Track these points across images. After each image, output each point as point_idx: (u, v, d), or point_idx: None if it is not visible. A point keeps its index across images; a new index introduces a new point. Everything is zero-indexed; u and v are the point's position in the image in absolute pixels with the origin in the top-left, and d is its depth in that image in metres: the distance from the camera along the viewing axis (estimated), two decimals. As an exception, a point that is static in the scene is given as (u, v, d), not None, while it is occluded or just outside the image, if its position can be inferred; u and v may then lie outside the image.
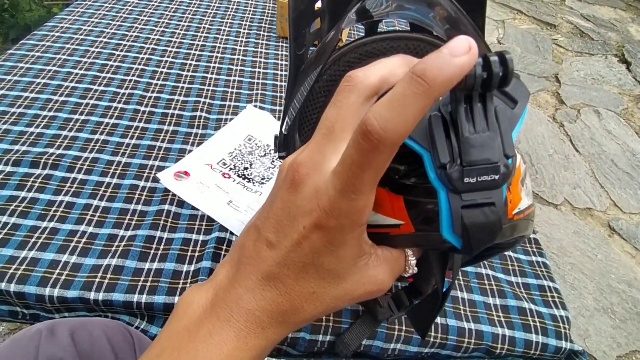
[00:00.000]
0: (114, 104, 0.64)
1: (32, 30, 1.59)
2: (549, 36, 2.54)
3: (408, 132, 0.16)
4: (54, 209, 0.48)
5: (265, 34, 0.88)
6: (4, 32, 1.60)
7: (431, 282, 0.29)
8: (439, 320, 0.46)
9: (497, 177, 0.18)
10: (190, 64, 0.75)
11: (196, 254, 0.47)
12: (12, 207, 0.48)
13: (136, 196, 0.52)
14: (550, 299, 0.51)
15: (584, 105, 2.01)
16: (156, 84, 0.69)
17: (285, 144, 0.38)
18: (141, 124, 0.61)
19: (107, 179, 0.53)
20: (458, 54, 0.15)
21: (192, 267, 0.46)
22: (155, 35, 0.81)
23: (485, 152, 0.17)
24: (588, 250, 1.37)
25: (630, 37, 2.68)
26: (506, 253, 0.56)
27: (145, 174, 0.54)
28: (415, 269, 0.23)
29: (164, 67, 0.73)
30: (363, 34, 0.36)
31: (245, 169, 0.57)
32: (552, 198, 1.53)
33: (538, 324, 0.48)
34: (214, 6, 0.94)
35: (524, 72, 2.17)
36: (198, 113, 0.65)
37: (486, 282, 0.51)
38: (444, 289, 0.24)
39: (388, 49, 0.34)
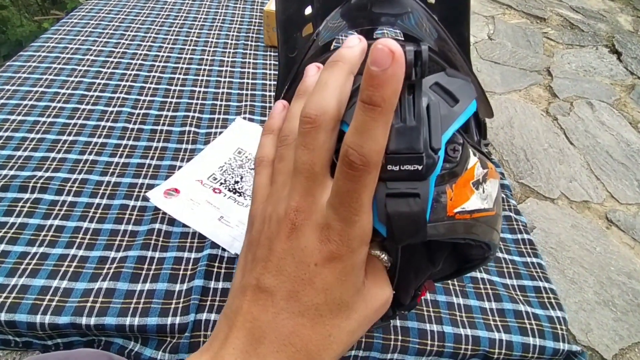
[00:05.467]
0: (102, 123, 0.63)
1: (23, 45, 1.59)
2: (539, 30, 2.54)
3: (382, 147, 0.17)
4: (43, 233, 0.48)
5: (253, 43, 0.88)
6: (-4, 49, 1.60)
7: (410, 293, 0.29)
8: (435, 327, 0.46)
9: (420, 167, 0.18)
10: (179, 78, 0.75)
11: (188, 272, 0.47)
12: (0, 234, 0.47)
13: (126, 216, 0.51)
14: (546, 300, 0.51)
15: (576, 98, 2.02)
16: (144, 100, 0.69)
17: None
18: (130, 142, 0.61)
19: (97, 200, 0.53)
20: (385, 65, 0.16)
21: (185, 286, 0.45)
22: (143, 50, 0.80)
23: (409, 141, 0.18)
24: (587, 243, 1.37)
25: (620, 27, 2.69)
26: (500, 255, 0.56)
27: (135, 193, 0.54)
28: (388, 263, 0.23)
29: (151, 83, 0.73)
30: None
31: (236, 182, 0.57)
32: (549, 192, 1.53)
33: (535, 326, 0.48)
34: (200, 18, 0.94)
35: (515, 67, 2.18)
36: (187, 128, 0.65)
37: (482, 286, 0.51)
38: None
39: None
